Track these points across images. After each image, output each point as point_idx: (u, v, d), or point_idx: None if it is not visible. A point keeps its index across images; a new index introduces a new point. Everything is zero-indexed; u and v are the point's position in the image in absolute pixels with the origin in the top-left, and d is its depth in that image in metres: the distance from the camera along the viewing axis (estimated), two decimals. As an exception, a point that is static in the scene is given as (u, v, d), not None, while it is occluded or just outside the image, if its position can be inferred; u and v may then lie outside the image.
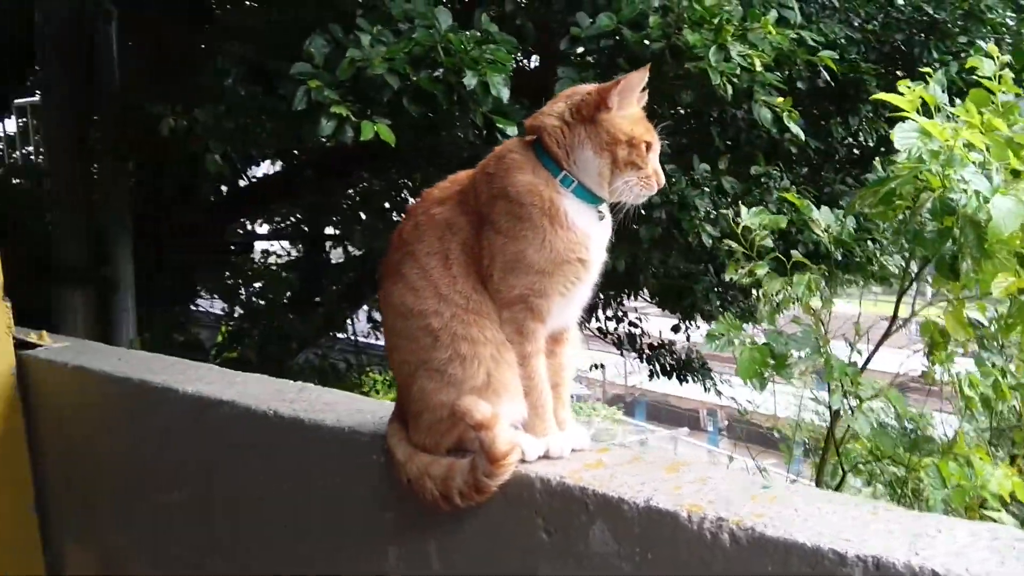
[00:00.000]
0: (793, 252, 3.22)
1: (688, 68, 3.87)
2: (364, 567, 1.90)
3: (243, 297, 7.75)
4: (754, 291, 3.28)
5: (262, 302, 7.51)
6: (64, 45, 5.82)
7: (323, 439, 1.92)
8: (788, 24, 4.45)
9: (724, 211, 4.77)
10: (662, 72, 4.16)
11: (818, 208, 3.41)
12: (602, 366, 11.19)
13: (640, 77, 1.59)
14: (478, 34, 3.89)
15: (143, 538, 2.52)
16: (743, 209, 3.14)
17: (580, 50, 4.34)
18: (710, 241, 5.24)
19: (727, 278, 3.13)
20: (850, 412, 2.82)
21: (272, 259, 8.22)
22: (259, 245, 8.97)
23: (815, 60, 4.54)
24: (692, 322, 7.71)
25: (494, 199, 1.59)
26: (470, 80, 3.47)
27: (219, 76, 4.40)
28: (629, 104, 1.60)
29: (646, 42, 3.98)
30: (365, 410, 1.98)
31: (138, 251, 6.00)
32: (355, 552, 1.92)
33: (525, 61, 5.94)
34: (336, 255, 8.04)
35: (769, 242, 3.15)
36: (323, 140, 3.68)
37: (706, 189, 5.49)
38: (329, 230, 8.04)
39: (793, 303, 2.94)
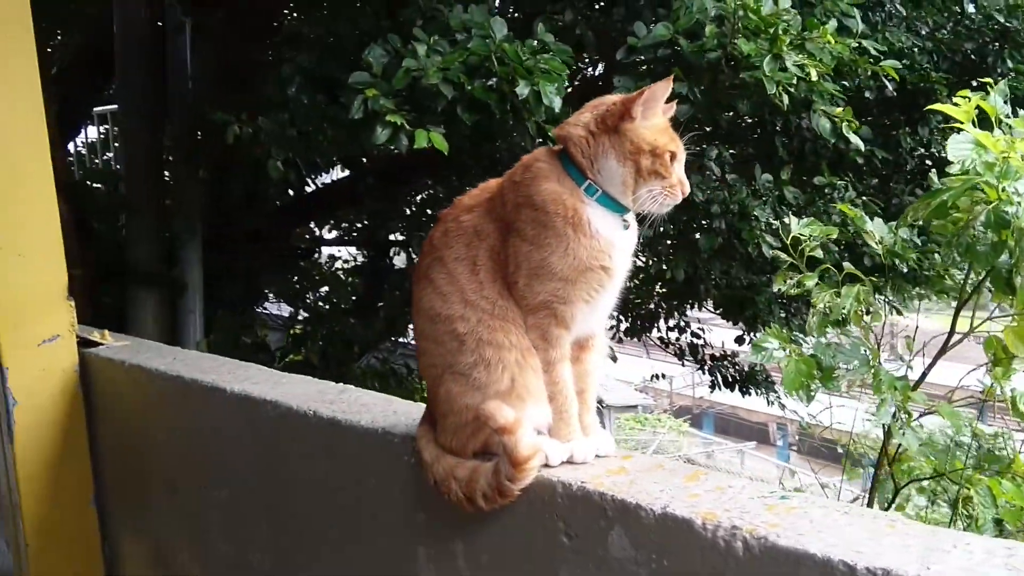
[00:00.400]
0: (845, 264, 3.18)
1: (743, 78, 3.85)
2: (395, 567, 1.94)
3: (308, 301, 7.91)
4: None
5: (326, 306, 7.66)
6: (140, 55, 6.02)
7: (358, 439, 1.97)
8: (850, 33, 4.39)
9: (785, 221, 4.73)
10: (718, 82, 4.14)
11: (884, 219, 3.36)
12: (665, 376, 11.09)
13: (664, 88, 1.61)
14: (535, 43, 3.93)
15: (192, 534, 2.61)
16: (792, 219, 3.11)
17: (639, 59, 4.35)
18: (770, 252, 5.18)
19: (775, 289, 3.10)
20: (899, 427, 2.77)
21: (339, 264, 8.37)
22: (327, 250, 9.14)
23: (877, 69, 4.46)
24: (755, 333, 7.62)
25: (520, 207, 1.62)
26: (522, 89, 3.51)
27: (283, 85, 4.52)
28: (654, 114, 1.61)
29: (703, 51, 3.96)
30: (400, 411, 2.02)
31: (206, 255, 6.18)
32: (387, 551, 1.96)
33: (591, 69, 5.97)
34: (400, 261, 8.15)
35: (820, 253, 3.11)
36: (382, 147, 3.75)
37: (767, 199, 5.45)
38: (394, 236, 8.14)
39: (842, 314, 2.90)
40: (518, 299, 1.63)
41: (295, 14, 5.87)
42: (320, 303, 7.85)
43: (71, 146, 7.64)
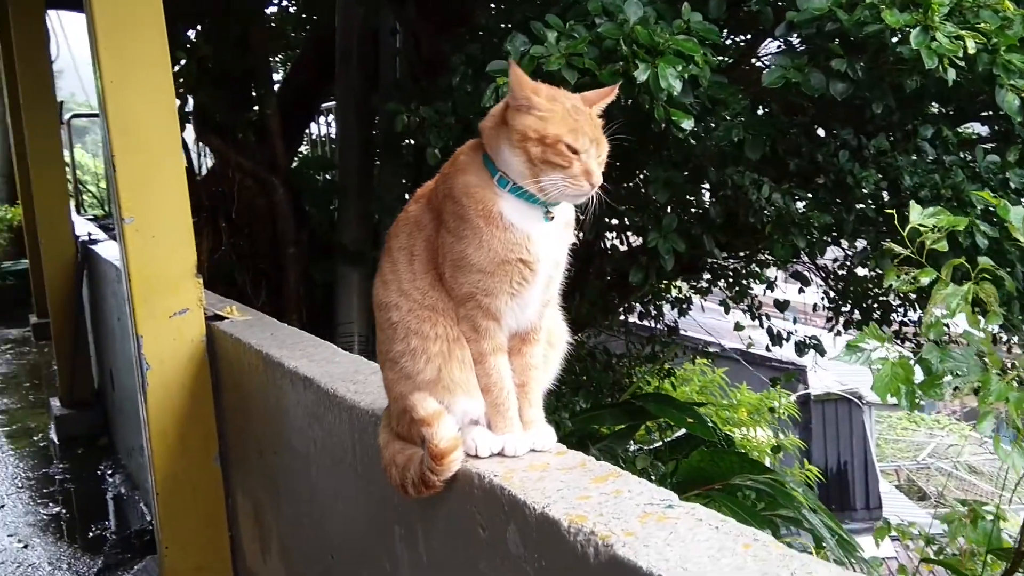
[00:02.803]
0: (981, 259, 2.84)
1: (901, 52, 3.52)
2: (380, 539, 2.03)
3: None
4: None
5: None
6: (354, 55, 6.48)
7: (361, 418, 2.07)
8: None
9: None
10: (880, 58, 3.82)
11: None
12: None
13: (546, 88, 1.58)
14: (682, 23, 3.82)
15: (271, 495, 2.85)
16: (914, 207, 2.82)
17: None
18: (984, 242, 4.69)
19: (886, 284, 2.83)
20: (1007, 446, 2.46)
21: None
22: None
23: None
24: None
25: (445, 198, 1.64)
26: (640, 74, 3.43)
27: (451, 74, 4.70)
28: (550, 104, 1.56)
29: (860, 24, 3.66)
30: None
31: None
32: (375, 523, 2.06)
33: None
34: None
35: (945, 244, 2.81)
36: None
37: (991, 182, 4.93)
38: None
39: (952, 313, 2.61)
40: (448, 290, 1.65)
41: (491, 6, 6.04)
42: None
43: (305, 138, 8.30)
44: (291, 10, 8.97)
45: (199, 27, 5.83)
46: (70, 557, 4.55)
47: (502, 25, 5.08)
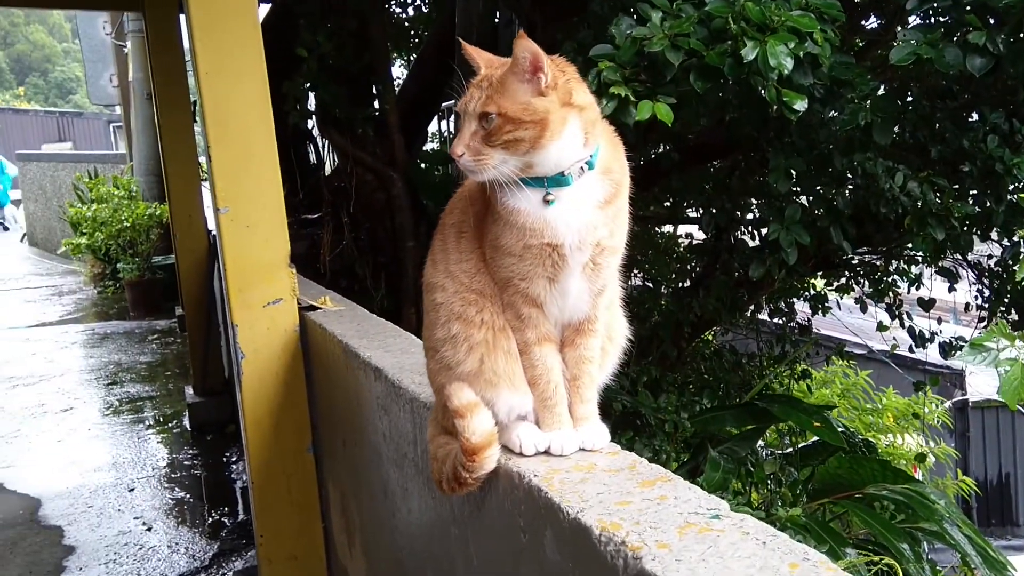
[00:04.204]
0: None
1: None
2: (440, 543, 1.94)
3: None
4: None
5: (650, 284, 7.63)
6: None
7: (421, 412, 1.99)
8: None
9: None
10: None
11: None
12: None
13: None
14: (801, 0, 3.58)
15: (355, 487, 2.80)
16: (1053, 192, 2.51)
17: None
18: None
19: (1018, 279, 2.53)
20: None
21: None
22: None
23: None
24: None
25: None
26: (748, 52, 3.21)
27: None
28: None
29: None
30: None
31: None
32: (437, 527, 1.97)
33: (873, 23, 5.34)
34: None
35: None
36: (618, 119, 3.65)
37: None
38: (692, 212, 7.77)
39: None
40: (491, 273, 1.54)
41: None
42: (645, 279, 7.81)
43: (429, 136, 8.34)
44: (423, 9, 9.07)
45: (321, 24, 5.90)
46: (188, 541, 4.69)
47: (617, 12, 4.94)
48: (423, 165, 7.33)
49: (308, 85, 6.10)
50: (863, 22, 5.54)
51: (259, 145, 3.07)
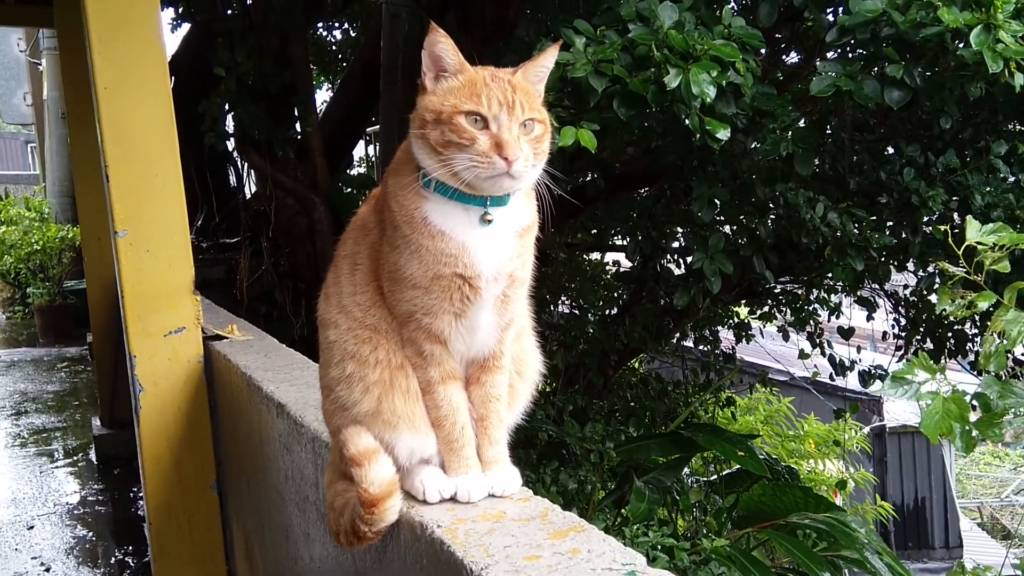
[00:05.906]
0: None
1: (961, 55, 3.19)
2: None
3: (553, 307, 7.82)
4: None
5: (576, 312, 7.58)
6: (399, 72, 6.34)
7: (323, 452, 1.86)
8: None
9: None
10: (940, 63, 3.49)
11: None
12: None
13: (444, 44, 1.34)
14: (723, 28, 3.57)
15: (257, 528, 2.64)
16: (971, 223, 2.50)
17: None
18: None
19: (938, 309, 2.51)
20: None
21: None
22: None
23: None
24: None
25: (385, 199, 1.42)
26: (671, 80, 3.17)
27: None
28: (449, 76, 1.33)
29: (917, 26, 3.35)
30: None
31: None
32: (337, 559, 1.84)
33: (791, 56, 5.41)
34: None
35: (1007, 265, 2.48)
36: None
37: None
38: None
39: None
40: (389, 308, 1.42)
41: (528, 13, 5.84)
42: (573, 307, 7.77)
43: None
44: (351, 33, 8.93)
45: (241, 43, 5.73)
46: (88, 583, 4.42)
47: (541, 37, 4.89)
48: (347, 189, 7.16)
49: (227, 105, 5.92)
50: (784, 57, 5.60)
51: (163, 165, 2.91)
